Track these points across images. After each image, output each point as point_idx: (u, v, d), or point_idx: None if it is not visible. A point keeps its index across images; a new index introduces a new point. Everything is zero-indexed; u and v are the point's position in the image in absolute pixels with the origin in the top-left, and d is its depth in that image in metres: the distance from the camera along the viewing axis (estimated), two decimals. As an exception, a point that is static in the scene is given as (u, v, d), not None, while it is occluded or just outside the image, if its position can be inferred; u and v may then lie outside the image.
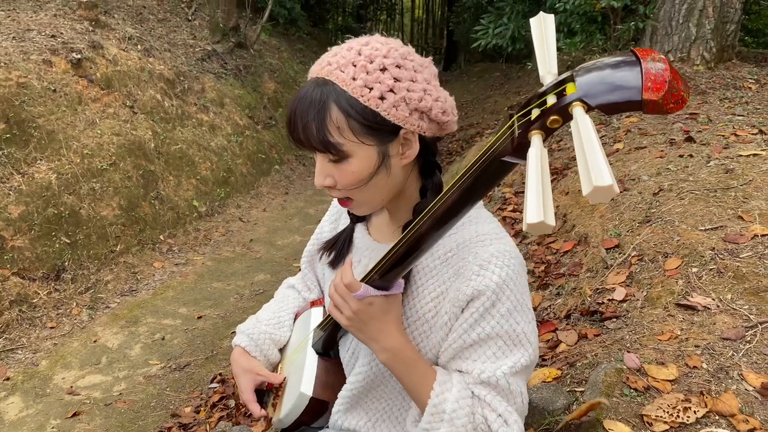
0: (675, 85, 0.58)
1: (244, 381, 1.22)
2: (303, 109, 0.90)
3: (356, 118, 0.89)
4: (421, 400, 0.95)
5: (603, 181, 0.50)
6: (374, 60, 0.91)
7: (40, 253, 4.09)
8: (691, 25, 5.77)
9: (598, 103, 0.60)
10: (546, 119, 0.64)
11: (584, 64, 0.65)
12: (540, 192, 0.58)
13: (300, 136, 0.92)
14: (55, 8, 6.16)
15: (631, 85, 0.59)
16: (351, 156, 0.91)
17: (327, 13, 17.66)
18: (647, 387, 1.82)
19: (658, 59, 0.60)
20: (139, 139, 5.49)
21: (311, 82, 0.92)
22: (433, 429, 0.92)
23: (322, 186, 0.97)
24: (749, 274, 2.18)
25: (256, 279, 4.81)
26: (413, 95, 0.91)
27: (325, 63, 0.93)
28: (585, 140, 0.55)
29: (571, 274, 2.92)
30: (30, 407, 3.11)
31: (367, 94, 0.89)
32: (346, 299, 0.94)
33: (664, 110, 0.59)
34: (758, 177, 2.85)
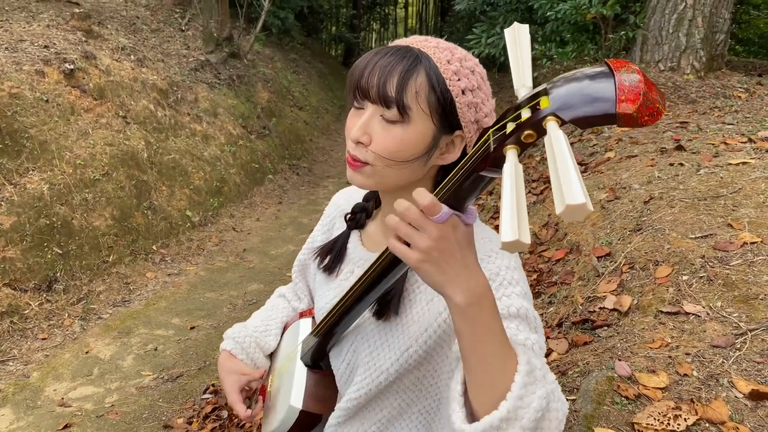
0: (650, 97, 0.57)
1: (229, 382, 1.22)
2: (390, 61, 0.90)
3: (437, 94, 0.90)
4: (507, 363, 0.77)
5: (575, 200, 0.50)
6: (468, 61, 0.95)
7: (31, 263, 4.08)
8: (680, 34, 5.83)
9: (572, 117, 0.60)
10: (520, 134, 0.64)
11: (559, 76, 0.64)
12: (514, 210, 0.57)
13: (372, 82, 0.90)
14: (48, 19, 6.17)
15: (605, 98, 0.58)
16: (410, 123, 0.91)
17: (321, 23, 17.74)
18: (638, 395, 1.83)
19: (632, 71, 0.59)
20: (132, 149, 5.48)
21: (401, 47, 0.93)
22: (529, 393, 0.75)
23: (357, 139, 0.93)
24: (739, 282, 2.19)
25: (249, 289, 4.80)
26: (483, 108, 0.95)
27: (422, 39, 0.95)
28: (558, 156, 0.54)
29: (563, 283, 2.93)
30: (21, 419, 3.09)
31: (455, 81, 0.91)
32: (423, 226, 0.73)
33: (638, 123, 0.57)
34: (747, 185, 2.88)
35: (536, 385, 0.76)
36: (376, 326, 1.06)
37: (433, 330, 0.98)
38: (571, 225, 3.38)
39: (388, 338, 1.04)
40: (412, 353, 1.00)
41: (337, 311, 1.04)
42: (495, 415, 0.73)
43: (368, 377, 1.06)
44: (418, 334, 1.00)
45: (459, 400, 0.79)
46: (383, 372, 1.04)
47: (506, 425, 0.73)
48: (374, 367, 1.05)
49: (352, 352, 1.12)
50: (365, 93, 0.92)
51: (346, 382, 1.15)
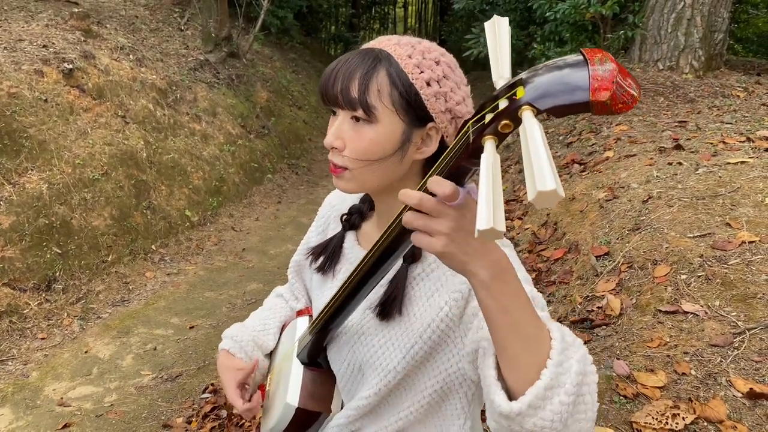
0: (623, 83, 0.58)
1: (227, 378, 1.23)
2: (351, 66, 0.93)
3: (399, 89, 0.92)
4: (540, 332, 0.77)
5: (546, 186, 0.50)
6: (431, 52, 0.96)
7: (30, 263, 4.08)
8: (679, 34, 5.83)
9: (547, 106, 0.60)
10: (498, 124, 0.64)
11: (534, 66, 0.65)
12: (491, 199, 0.57)
13: (336, 89, 0.93)
14: (46, 18, 6.16)
15: (579, 87, 0.59)
16: (378, 122, 0.93)
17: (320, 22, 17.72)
18: (636, 394, 1.83)
19: (605, 60, 0.59)
20: (131, 148, 5.48)
21: (364, 50, 0.96)
22: (568, 358, 0.75)
23: (330, 145, 0.96)
24: (737, 281, 2.20)
25: (248, 288, 4.80)
26: (454, 96, 0.96)
27: (385, 39, 0.97)
28: (531, 145, 0.55)
29: (561, 282, 2.93)
30: (20, 419, 3.09)
31: (417, 75, 0.93)
32: (441, 211, 0.72)
33: (612, 111, 0.58)
34: (746, 184, 2.88)
35: (572, 350, 0.76)
36: (377, 326, 1.06)
37: (435, 325, 0.98)
38: (569, 224, 3.38)
39: (391, 337, 1.05)
40: (417, 350, 1.01)
41: (330, 308, 1.04)
42: (539, 384, 0.73)
43: (377, 377, 1.07)
44: (421, 330, 1.00)
45: (497, 384, 0.79)
46: (390, 371, 1.04)
47: (551, 393, 0.73)
48: (381, 367, 1.06)
49: (353, 352, 1.12)
50: (333, 100, 0.94)
51: (348, 382, 1.16)
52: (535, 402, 0.73)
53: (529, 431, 0.74)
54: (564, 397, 0.73)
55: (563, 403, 0.73)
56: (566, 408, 0.73)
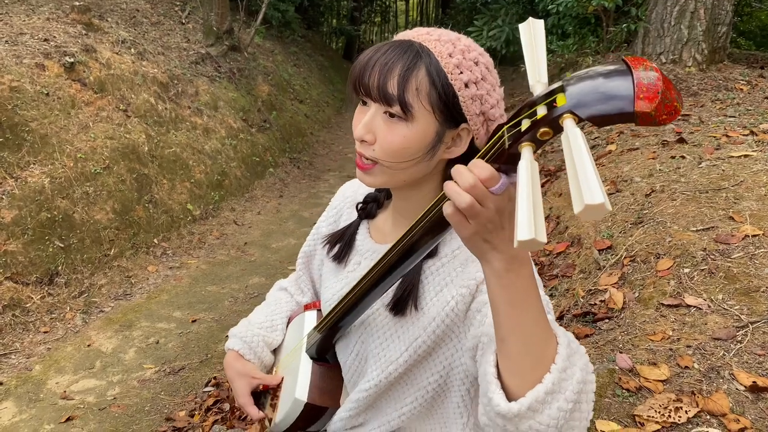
0: (668, 95, 0.56)
1: (240, 385, 1.21)
2: (390, 58, 0.90)
3: (438, 89, 0.90)
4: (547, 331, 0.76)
5: (594, 199, 0.49)
6: (471, 51, 0.94)
7: (33, 257, 4.08)
8: (682, 27, 5.81)
9: (589, 115, 0.59)
10: (536, 131, 0.63)
11: (575, 73, 0.63)
12: (531, 207, 0.56)
13: (372, 81, 0.90)
14: (48, 12, 6.15)
15: (623, 96, 0.57)
16: (413, 120, 0.91)
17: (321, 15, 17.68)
18: (639, 387, 1.83)
19: (650, 68, 0.58)
20: (132, 142, 5.48)
21: (402, 42, 0.93)
22: (571, 365, 0.75)
23: (361, 137, 0.93)
24: (740, 275, 2.19)
25: (250, 282, 4.80)
26: (489, 99, 0.94)
27: (424, 32, 0.94)
28: (575, 155, 0.54)
29: (564, 276, 2.93)
30: (23, 412, 3.10)
31: (457, 75, 0.90)
32: (484, 200, 0.69)
33: (656, 122, 0.57)
34: (749, 178, 2.87)
35: (576, 357, 0.76)
36: (386, 318, 1.06)
37: (441, 319, 0.98)
38: (572, 218, 3.38)
39: (398, 330, 1.05)
40: (420, 343, 1.01)
41: (344, 305, 1.04)
42: (539, 388, 0.72)
43: (378, 368, 1.07)
44: (426, 323, 1.00)
45: (496, 382, 0.78)
46: (392, 363, 1.04)
47: (551, 398, 0.73)
48: (384, 358, 1.05)
49: (361, 343, 1.12)
50: (367, 91, 0.92)
51: (354, 374, 1.16)
52: (534, 405, 0.72)
53: None
54: (563, 404, 0.73)
55: (561, 409, 0.73)
56: (563, 414, 0.73)
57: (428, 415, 1.10)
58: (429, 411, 1.09)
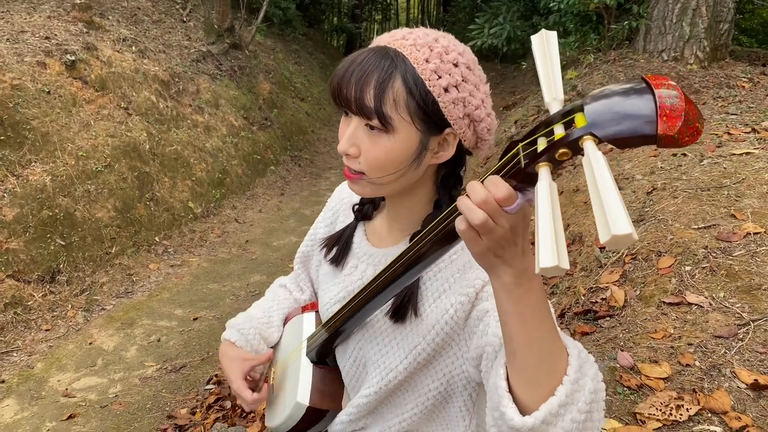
0: (690, 116, 0.54)
1: (232, 368, 1.19)
2: (365, 70, 0.88)
3: (416, 98, 0.88)
4: (556, 343, 0.75)
5: (621, 230, 0.47)
6: (450, 53, 0.91)
7: (34, 255, 4.09)
8: (684, 24, 5.80)
9: (609, 136, 0.57)
10: (554, 152, 0.61)
11: (593, 91, 0.61)
12: (553, 232, 0.55)
13: (349, 94, 0.88)
14: (49, 10, 6.15)
15: (645, 118, 0.55)
16: (394, 132, 0.89)
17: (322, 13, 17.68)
18: (640, 385, 1.83)
19: (671, 87, 0.56)
20: (133, 140, 5.48)
21: (378, 49, 0.91)
22: (582, 376, 0.74)
23: (345, 152, 0.92)
24: (742, 273, 2.19)
25: (251, 280, 4.80)
26: (472, 101, 0.91)
27: (400, 36, 0.92)
28: (599, 180, 0.52)
29: (565, 273, 2.93)
30: (25, 410, 3.11)
31: (435, 81, 0.88)
32: (497, 217, 0.67)
33: (678, 144, 0.54)
34: (751, 175, 2.87)
35: (587, 366, 0.75)
36: (385, 325, 1.05)
37: (440, 327, 0.98)
38: (573, 216, 3.38)
39: (397, 336, 1.04)
40: (420, 351, 1.00)
41: (348, 310, 1.03)
42: (553, 401, 0.71)
43: (377, 375, 1.06)
44: (426, 331, 0.99)
45: (508, 396, 0.76)
46: (392, 370, 1.03)
47: (564, 410, 0.72)
48: (384, 365, 1.05)
49: (359, 349, 1.12)
50: (346, 104, 0.90)
51: (352, 378, 1.15)
52: (548, 418, 0.71)
53: None
54: (576, 415, 0.72)
55: (575, 420, 0.72)
56: (577, 426, 0.72)
57: (430, 419, 1.09)
58: (431, 415, 1.09)
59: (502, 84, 11.15)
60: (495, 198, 0.66)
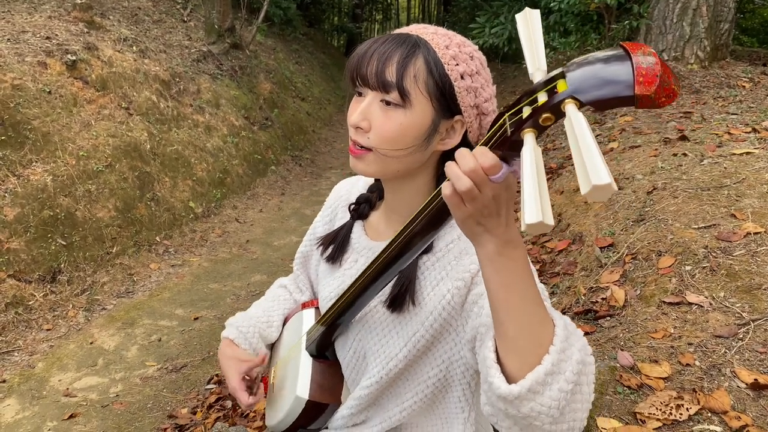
0: (666, 78, 0.58)
1: (230, 368, 1.19)
2: (388, 48, 0.92)
3: (435, 78, 0.92)
4: (542, 314, 0.76)
5: (601, 180, 0.50)
6: (467, 46, 0.97)
7: (35, 255, 4.09)
8: (684, 24, 5.80)
9: (590, 99, 0.60)
10: (538, 117, 0.64)
11: (574, 59, 0.64)
12: (537, 191, 0.58)
13: (370, 70, 0.92)
14: (49, 10, 6.15)
15: (623, 80, 0.59)
16: (410, 107, 0.92)
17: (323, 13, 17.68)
18: (640, 385, 1.83)
19: (648, 53, 0.59)
20: (134, 140, 5.48)
21: (400, 34, 0.95)
22: (569, 346, 0.75)
23: (356, 124, 0.94)
24: (742, 272, 2.19)
25: (252, 280, 4.81)
26: (483, 93, 0.96)
27: (421, 27, 0.97)
28: (580, 138, 0.55)
29: (565, 273, 2.93)
30: (26, 409, 3.11)
31: (453, 66, 0.93)
32: (482, 186, 0.70)
33: (656, 104, 0.58)
34: (751, 175, 2.87)
35: (574, 337, 0.77)
36: (383, 315, 1.06)
37: (437, 313, 0.99)
38: (574, 215, 3.38)
39: (396, 326, 1.05)
40: (419, 338, 1.01)
41: (343, 301, 1.04)
42: (539, 369, 0.73)
43: (378, 365, 1.07)
44: (424, 318, 1.00)
45: (496, 366, 0.78)
46: (392, 359, 1.04)
47: (551, 379, 0.73)
48: (384, 355, 1.06)
49: (358, 340, 1.12)
50: (364, 79, 0.93)
51: (353, 370, 1.16)
52: (534, 387, 0.72)
53: (525, 415, 0.74)
54: (563, 384, 0.73)
55: (562, 390, 0.73)
56: (564, 396, 0.73)
57: (429, 410, 1.10)
58: (430, 406, 1.10)
59: (503, 84, 11.15)
60: (481, 166, 0.69)
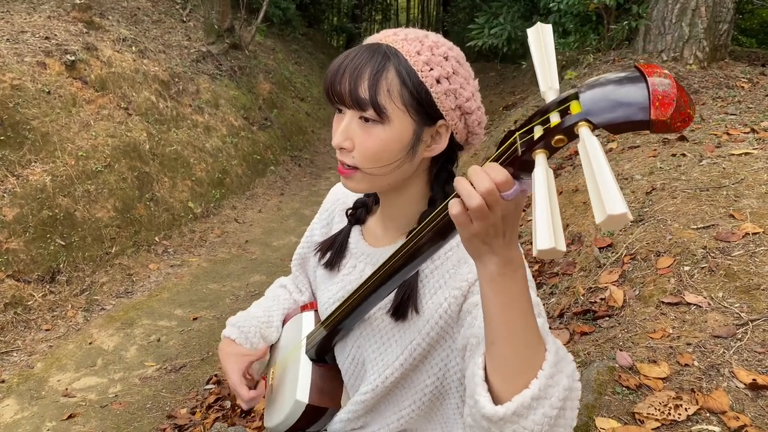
0: (681, 102, 0.57)
1: (230, 364, 1.19)
2: (359, 63, 0.90)
3: (409, 88, 0.90)
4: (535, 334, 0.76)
5: (616, 209, 0.49)
6: (439, 47, 0.94)
7: (35, 255, 4.09)
8: (684, 24, 5.80)
9: (602, 122, 0.59)
10: (550, 139, 0.63)
11: (588, 80, 0.63)
12: (549, 215, 0.56)
13: (343, 89, 0.90)
14: (49, 10, 6.15)
15: (638, 104, 0.57)
16: (389, 122, 0.90)
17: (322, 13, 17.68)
18: (639, 385, 1.84)
19: (663, 75, 0.58)
20: (133, 140, 5.48)
21: (370, 45, 0.93)
22: (558, 372, 0.75)
23: (339, 145, 0.93)
24: (740, 273, 2.19)
25: (251, 280, 4.81)
26: (463, 93, 0.94)
27: (391, 33, 0.95)
28: (594, 163, 0.54)
29: (564, 274, 2.93)
30: (25, 410, 3.11)
31: (427, 72, 0.91)
32: (493, 205, 0.69)
33: (671, 129, 0.56)
34: (750, 176, 2.87)
35: (564, 363, 0.76)
36: (383, 323, 1.06)
37: (434, 322, 0.99)
38: (572, 216, 3.38)
39: (395, 334, 1.05)
40: (415, 346, 1.01)
41: (345, 307, 1.03)
42: (526, 393, 0.72)
43: (375, 372, 1.07)
44: (421, 326, 1.00)
45: (483, 385, 0.78)
46: (389, 366, 1.04)
47: (537, 404, 0.73)
48: (381, 362, 1.06)
49: (357, 347, 1.12)
50: (339, 98, 0.92)
51: (351, 376, 1.16)
52: (520, 410, 0.72)
53: None
54: (548, 410, 0.73)
55: (546, 415, 0.73)
56: (548, 420, 0.73)
57: (429, 416, 1.10)
58: (429, 413, 1.09)
59: (502, 84, 11.15)
60: (495, 182, 0.67)
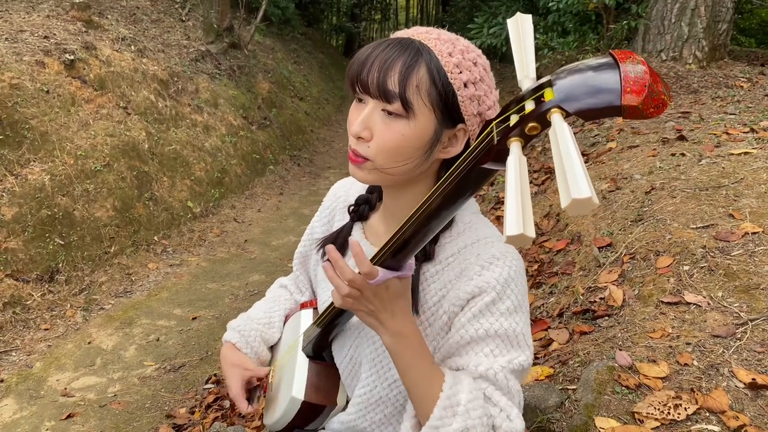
0: (655, 88, 0.56)
1: (232, 375, 1.20)
2: (390, 56, 0.89)
3: (438, 88, 0.89)
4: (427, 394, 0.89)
5: (581, 194, 0.49)
6: (470, 52, 0.93)
7: (33, 254, 4.09)
8: (683, 24, 5.80)
9: (576, 109, 0.59)
10: (524, 126, 0.63)
11: (563, 67, 0.63)
12: (519, 203, 0.56)
13: (372, 78, 0.89)
14: (47, 9, 6.14)
15: (611, 90, 0.57)
16: (413, 118, 0.89)
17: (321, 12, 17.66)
18: (638, 384, 1.84)
19: (637, 62, 0.58)
20: (132, 140, 5.48)
21: (402, 39, 0.91)
22: (444, 425, 0.86)
23: (357, 134, 0.92)
24: (740, 272, 2.19)
25: (251, 280, 4.81)
26: (486, 100, 0.93)
27: (423, 31, 0.93)
28: (562, 149, 0.53)
29: (564, 273, 2.93)
30: (24, 409, 3.11)
31: (456, 74, 0.90)
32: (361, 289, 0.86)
33: (644, 115, 0.56)
34: (749, 175, 2.87)
35: (453, 419, 0.87)
36: None
37: (434, 332, 1.00)
38: (572, 216, 3.38)
39: None
40: None
41: None
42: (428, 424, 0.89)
43: (374, 374, 1.06)
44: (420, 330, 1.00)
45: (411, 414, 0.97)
46: (383, 367, 1.04)
47: None
48: (380, 363, 1.05)
49: (354, 347, 1.12)
50: (365, 87, 0.90)
51: (348, 376, 1.15)
52: None
53: None
54: None
55: None
56: None
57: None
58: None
59: (502, 84, 11.16)
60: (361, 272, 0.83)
